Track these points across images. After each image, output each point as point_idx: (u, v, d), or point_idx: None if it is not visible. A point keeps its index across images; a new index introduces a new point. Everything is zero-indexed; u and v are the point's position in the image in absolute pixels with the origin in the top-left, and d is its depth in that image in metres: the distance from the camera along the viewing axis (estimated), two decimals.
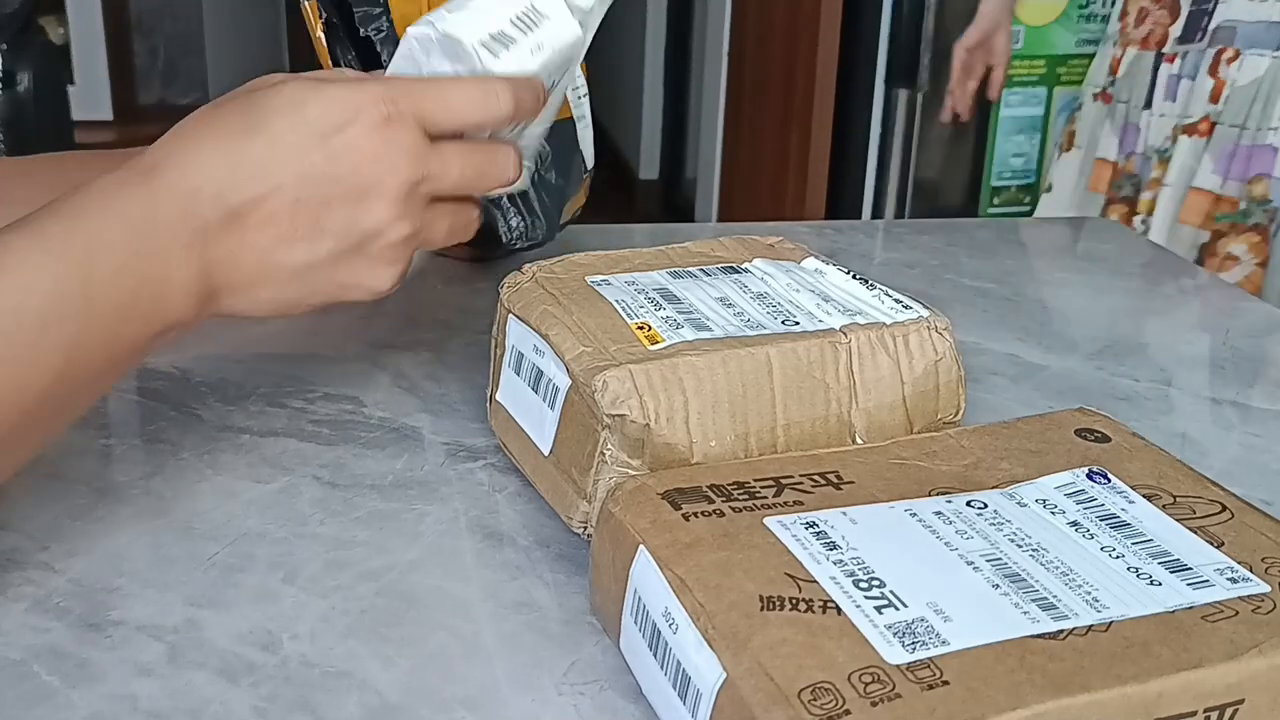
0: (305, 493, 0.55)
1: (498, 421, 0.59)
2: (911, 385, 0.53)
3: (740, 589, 0.39)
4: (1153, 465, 0.48)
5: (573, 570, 0.50)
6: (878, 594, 0.39)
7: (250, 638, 0.46)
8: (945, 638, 0.37)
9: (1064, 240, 0.96)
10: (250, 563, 0.50)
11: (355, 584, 0.49)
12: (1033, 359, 0.73)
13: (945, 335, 0.54)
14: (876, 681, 0.35)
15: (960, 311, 0.78)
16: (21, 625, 0.46)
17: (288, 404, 0.64)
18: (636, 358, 0.50)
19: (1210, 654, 0.37)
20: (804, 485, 0.45)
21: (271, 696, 0.43)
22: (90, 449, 0.59)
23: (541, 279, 0.57)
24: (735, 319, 0.54)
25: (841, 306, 0.55)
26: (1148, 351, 0.76)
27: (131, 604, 0.47)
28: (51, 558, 0.50)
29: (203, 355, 0.68)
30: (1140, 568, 0.41)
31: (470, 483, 0.57)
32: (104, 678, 0.43)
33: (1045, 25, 1.90)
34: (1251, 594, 0.40)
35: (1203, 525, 0.44)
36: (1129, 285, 0.87)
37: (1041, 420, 0.51)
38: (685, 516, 0.43)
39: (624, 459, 0.49)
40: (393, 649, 0.45)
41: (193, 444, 0.59)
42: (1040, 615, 0.38)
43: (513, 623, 0.47)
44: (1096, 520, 0.44)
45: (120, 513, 0.54)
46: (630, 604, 0.42)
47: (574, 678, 0.44)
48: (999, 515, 0.44)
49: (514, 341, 0.56)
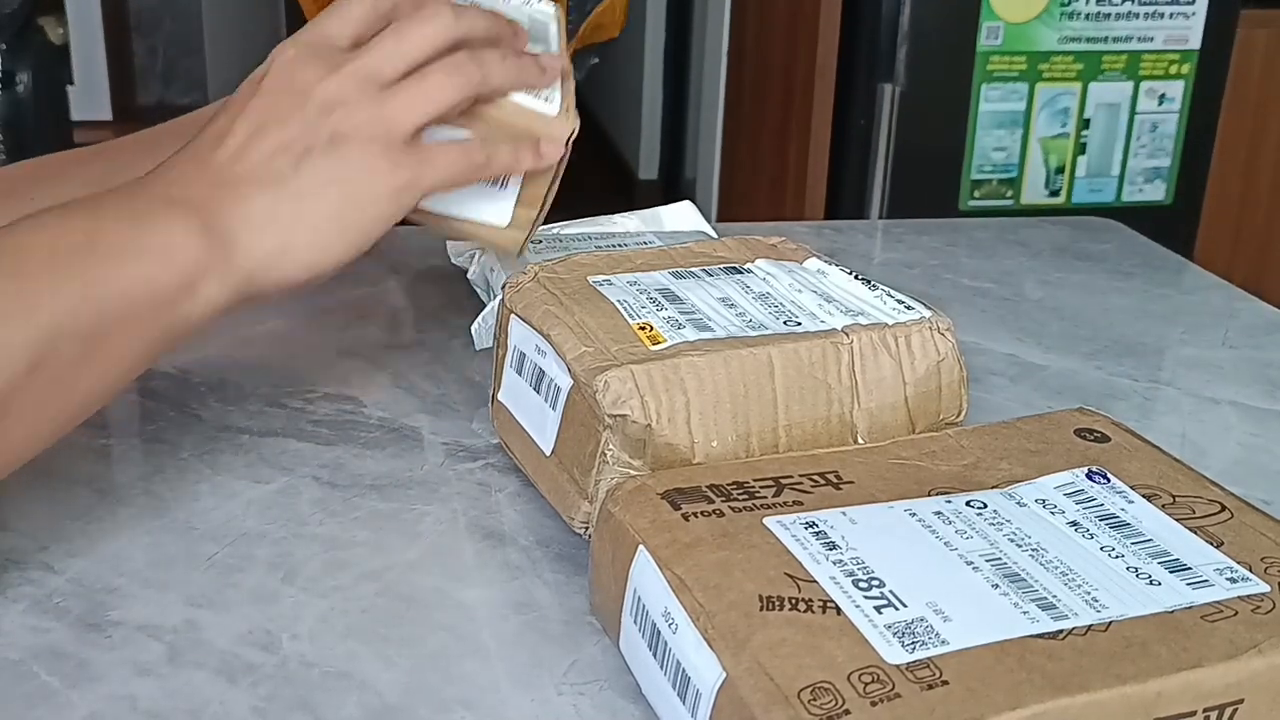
0: (305, 493, 0.55)
1: (500, 421, 0.59)
2: (913, 386, 0.53)
3: (740, 589, 0.39)
4: (1152, 465, 0.48)
5: (573, 570, 0.50)
6: (877, 594, 0.39)
7: (250, 638, 0.46)
8: (945, 637, 0.37)
9: (1064, 240, 0.96)
10: (250, 563, 0.50)
11: (355, 584, 0.49)
12: (1032, 359, 0.73)
13: (947, 336, 0.54)
14: (876, 681, 0.35)
15: (960, 311, 0.78)
16: (21, 625, 0.46)
17: (287, 404, 0.64)
18: (638, 358, 0.50)
19: (1209, 654, 0.37)
20: (803, 485, 0.45)
21: (271, 696, 0.43)
22: (90, 449, 0.59)
23: (543, 279, 0.57)
24: (737, 319, 0.54)
25: (843, 307, 0.55)
26: (1147, 351, 0.76)
27: (131, 604, 0.47)
28: (51, 558, 0.50)
29: (203, 355, 0.68)
30: (1140, 567, 0.41)
31: (470, 483, 0.57)
32: (103, 678, 0.43)
33: (1025, 22, 1.90)
34: (1251, 594, 0.40)
35: (1202, 525, 0.44)
36: (1129, 285, 0.87)
37: (1041, 420, 0.51)
38: (685, 516, 0.43)
39: (625, 459, 0.49)
40: (393, 649, 0.45)
41: (192, 444, 0.59)
42: (1040, 615, 0.38)
43: (513, 623, 0.47)
44: (1096, 520, 0.44)
45: (120, 513, 0.54)
46: (630, 604, 0.42)
47: (574, 678, 0.44)
48: (998, 515, 0.44)
49: (516, 342, 0.56)
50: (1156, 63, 1.97)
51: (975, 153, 1.99)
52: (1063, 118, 1.98)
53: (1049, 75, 1.95)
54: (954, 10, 1.91)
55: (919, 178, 2.03)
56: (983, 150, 1.99)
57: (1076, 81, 1.96)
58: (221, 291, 0.50)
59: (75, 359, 0.45)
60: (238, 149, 0.51)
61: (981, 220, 1.10)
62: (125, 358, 0.48)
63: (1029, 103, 1.96)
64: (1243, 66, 2.07)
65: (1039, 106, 1.97)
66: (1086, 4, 1.92)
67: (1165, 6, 1.95)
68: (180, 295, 0.48)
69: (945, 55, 1.94)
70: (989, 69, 1.93)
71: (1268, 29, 2.16)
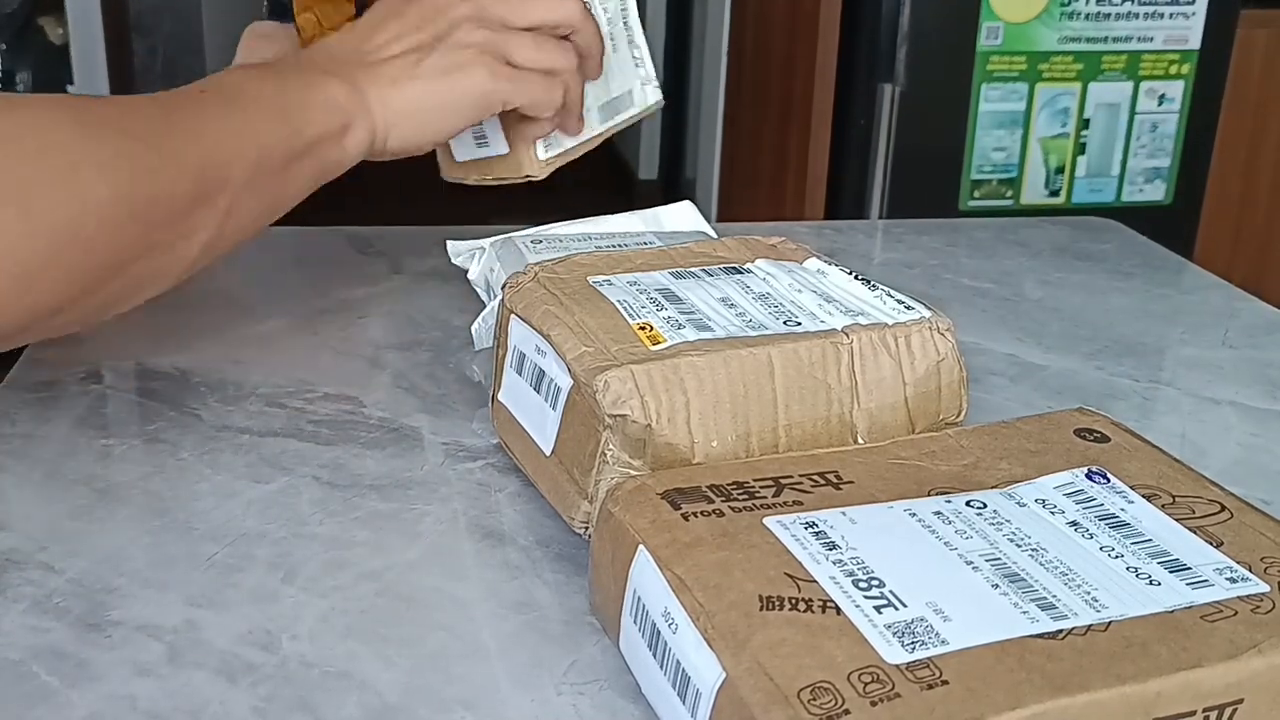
0: (304, 493, 0.55)
1: (500, 421, 0.59)
2: (913, 386, 0.53)
3: (740, 589, 0.39)
4: (1152, 465, 0.48)
5: (573, 570, 0.50)
6: (877, 594, 0.39)
7: (250, 638, 0.46)
8: (944, 637, 0.37)
9: (1063, 240, 0.96)
10: (249, 563, 0.50)
11: (355, 584, 0.49)
12: (1032, 359, 0.73)
13: (947, 336, 0.54)
14: (876, 681, 0.35)
15: (959, 311, 0.78)
16: (21, 625, 0.46)
17: (287, 404, 0.64)
18: (638, 358, 0.50)
19: (1209, 654, 0.37)
20: (803, 485, 0.45)
21: (271, 696, 0.43)
22: (90, 449, 0.59)
23: (543, 279, 0.57)
24: (737, 319, 0.54)
25: (843, 307, 0.55)
26: (1147, 351, 0.76)
27: (131, 604, 0.47)
28: (51, 558, 0.50)
29: (203, 355, 0.68)
30: (1139, 567, 0.41)
31: (470, 483, 0.57)
32: (103, 678, 0.43)
33: (1025, 22, 1.90)
34: (1251, 594, 0.40)
35: (1202, 525, 0.44)
36: (1129, 285, 0.87)
37: (1041, 420, 0.51)
38: (685, 516, 0.43)
39: (625, 459, 0.49)
40: (392, 649, 0.45)
41: (192, 444, 0.59)
42: (1039, 615, 0.38)
43: (513, 623, 0.47)
44: (1096, 520, 0.44)
45: (120, 513, 0.54)
46: (630, 604, 0.42)
47: (574, 677, 0.44)
48: (998, 515, 0.44)
49: (516, 342, 0.56)
50: (1156, 63, 1.97)
51: (975, 153, 1.99)
52: (1063, 118, 1.98)
53: (1049, 75, 1.95)
54: (954, 10, 1.91)
55: (919, 178, 2.03)
56: (982, 150, 1.99)
57: (1076, 81, 1.96)
58: (360, 142, 0.63)
59: (272, 176, 0.60)
60: (384, 43, 0.66)
61: (981, 220, 1.10)
62: (300, 182, 0.62)
63: (1029, 103, 1.96)
64: (1243, 66, 2.07)
65: (1039, 106, 1.97)
66: (1086, 4, 1.92)
67: (1165, 6, 1.95)
68: (338, 137, 0.62)
69: (945, 55, 1.94)
70: (989, 69, 1.93)
71: (1268, 29, 2.16)
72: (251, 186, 0.59)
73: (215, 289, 0.77)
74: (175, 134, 0.56)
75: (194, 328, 0.72)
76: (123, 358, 0.68)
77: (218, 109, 0.59)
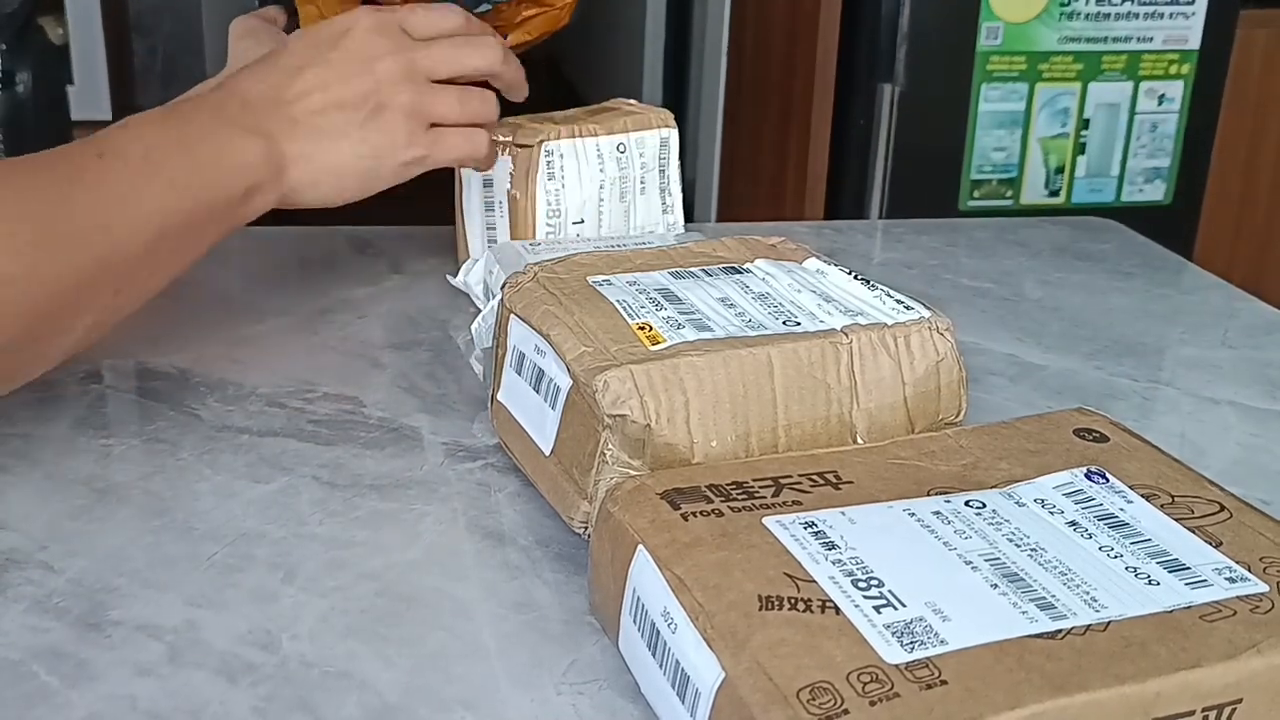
0: (304, 493, 0.55)
1: (499, 421, 0.59)
2: (913, 386, 0.53)
3: (739, 589, 0.39)
4: (1151, 465, 0.48)
5: (573, 570, 0.50)
6: (876, 594, 0.39)
7: (249, 638, 0.46)
8: (944, 637, 0.37)
9: (1063, 240, 0.96)
10: (249, 563, 0.50)
11: (355, 584, 0.49)
12: (1032, 359, 0.73)
13: (947, 336, 0.54)
14: (875, 681, 0.35)
15: (959, 311, 0.78)
16: (21, 625, 0.46)
17: (287, 404, 0.64)
18: (637, 358, 0.50)
19: (1208, 654, 0.37)
20: (803, 485, 0.45)
21: (271, 696, 0.43)
22: (90, 449, 0.59)
23: (543, 279, 0.57)
24: (737, 319, 0.54)
25: (843, 307, 0.55)
26: (1147, 351, 0.76)
27: (131, 604, 0.47)
28: (51, 558, 0.50)
29: (203, 355, 0.68)
30: (1138, 567, 0.41)
31: (470, 483, 0.57)
32: (103, 678, 0.43)
33: (1025, 22, 1.90)
34: (1250, 594, 0.40)
35: (1201, 525, 0.44)
36: (1128, 285, 0.87)
37: (1040, 420, 0.52)
38: (684, 516, 0.43)
39: (625, 459, 0.49)
40: (392, 649, 0.45)
41: (192, 444, 0.59)
42: (1038, 615, 0.38)
43: (513, 623, 0.47)
44: (1095, 520, 0.44)
45: (120, 513, 0.54)
46: (629, 603, 0.43)
47: (573, 677, 0.44)
48: (997, 515, 0.44)
49: (515, 342, 0.57)
50: (1156, 63, 1.97)
51: (975, 153, 1.99)
52: (1062, 118, 1.98)
53: (1049, 75, 1.95)
54: (954, 10, 1.91)
55: (919, 178, 2.03)
56: (982, 150, 1.99)
57: (1076, 81, 1.96)
58: (266, 202, 0.62)
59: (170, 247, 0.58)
60: (305, 93, 0.64)
61: (981, 220, 1.10)
62: (198, 249, 0.61)
63: (1029, 103, 1.96)
64: (1242, 66, 2.07)
65: (1039, 106, 1.97)
66: (1086, 4, 1.92)
67: (1165, 6, 1.95)
68: (244, 200, 0.61)
69: (945, 55, 1.94)
70: (989, 69, 1.93)
71: (1268, 29, 2.16)
72: (146, 260, 0.57)
73: (215, 289, 0.78)
74: (74, 213, 0.54)
75: (194, 328, 0.72)
76: (122, 357, 0.68)
77: (119, 178, 0.56)
